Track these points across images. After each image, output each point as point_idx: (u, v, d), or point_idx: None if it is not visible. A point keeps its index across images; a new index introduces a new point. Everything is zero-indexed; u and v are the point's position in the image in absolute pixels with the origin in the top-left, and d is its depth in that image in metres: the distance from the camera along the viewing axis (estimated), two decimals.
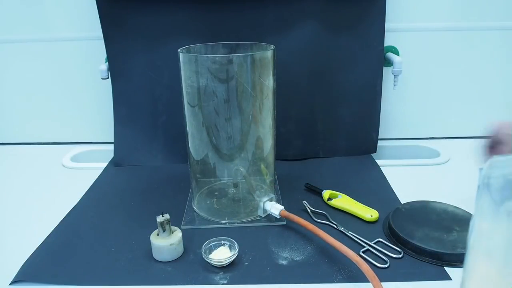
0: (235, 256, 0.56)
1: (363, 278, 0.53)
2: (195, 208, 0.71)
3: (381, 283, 0.52)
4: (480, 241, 0.26)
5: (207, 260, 0.56)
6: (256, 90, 0.64)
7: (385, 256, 0.57)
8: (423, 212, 0.65)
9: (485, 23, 0.92)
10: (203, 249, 0.57)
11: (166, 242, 0.57)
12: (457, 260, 0.56)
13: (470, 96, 0.98)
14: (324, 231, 0.58)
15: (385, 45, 0.89)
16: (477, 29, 0.93)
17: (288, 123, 0.88)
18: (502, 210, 0.27)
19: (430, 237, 0.59)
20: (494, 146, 0.24)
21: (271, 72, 0.64)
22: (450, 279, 0.53)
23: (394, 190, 0.76)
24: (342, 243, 0.56)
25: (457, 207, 0.66)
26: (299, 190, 0.77)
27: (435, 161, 0.89)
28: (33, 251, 0.60)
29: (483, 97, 0.99)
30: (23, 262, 0.58)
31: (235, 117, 0.64)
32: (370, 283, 0.52)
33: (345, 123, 0.91)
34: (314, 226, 0.59)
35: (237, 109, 0.64)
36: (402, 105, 0.99)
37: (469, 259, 0.25)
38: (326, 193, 0.72)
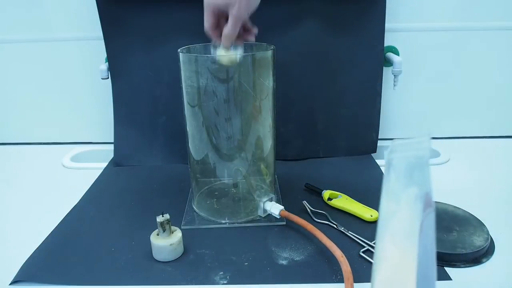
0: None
1: (363, 278, 0.53)
2: (195, 208, 0.71)
3: None
4: (386, 223, 0.26)
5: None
6: (256, 90, 0.64)
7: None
8: None
9: (485, 23, 0.92)
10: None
11: (166, 242, 0.57)
12: (457, 260, 0.56)
13: (470, 96, 0.98)
14: (324, 231, 0.58)
15: (385, 45, 0.89)
16: (477, 29, 0.93)
17: (288, 123, 0.88)
18: (405, 193, 0.27)
19: None
20: None
21: (271, 72, 0.64)
22: (450, 279, 0.53)
23: None
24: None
25: (457, 207, 0.66)
26: (299, 190, 0.77)
27: (435, 161, 0.89)
28: (33, 251, 0.60)
29: (483, 97, 0.99)
30: (23, 262, 0.58)
31: (235, 117, 0.64)
32: (369, 283, 0.52)
33: (345, 123, 0.91)
34: (313, 226, 0.59)
35: (237, 109, 0.64)
36: (402, 105, 0.99)
37: (377, 240, 0.25)
38: (326, 193, 0.72)
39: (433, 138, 1.01)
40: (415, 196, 0.27)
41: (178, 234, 0.58)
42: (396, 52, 0.93)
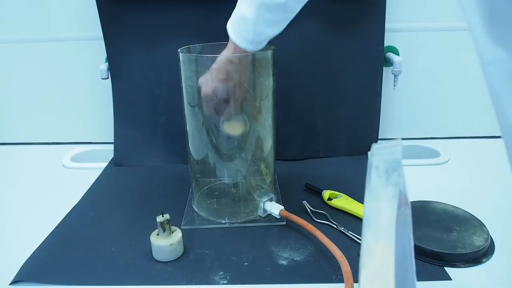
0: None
1: None
2: (195, 208, 0.71)
3: None
4: (369, 220, 0.28)
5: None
6: (256, 90, 0.64)
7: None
8: (423, 212, 0.65)
9: None
10: None
11: (166, 242, 0.57)
12: (457, 260, 0.56)
13: (470, 96, 0.98)
14: (324, 231, 0.58)
15: (385, 45, 0.89)
16: None
17: (288, 123, 0.88)
18: (383, 192, 0.29)
19: (430, 237, 0.59)
20: None
21: (271, 72, 0.64)
22: (450, 279, 0.53)
23: None
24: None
25: (457, 207, 0.66)
26: (299, 190, 0.77)
27: (435, 161, 0.89)
28: (33, 251, 0.60)
29: (483, 97, 0.98)
30: (23, 262, 0.58)
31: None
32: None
33: (345, 123, 0.91)
34: (313, 226, 0.59)
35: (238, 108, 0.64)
36: (402, 105, 0.99)
37: (362, 237, 0.28)
38: (326, 193, 0.72)
39: (433, 138, 1.01)
40: (392, 195, 0.29)
41: (178, 234, 0.58)
42: (396, 52, 0.93)
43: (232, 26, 0.58)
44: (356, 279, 0.51)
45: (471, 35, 0.35)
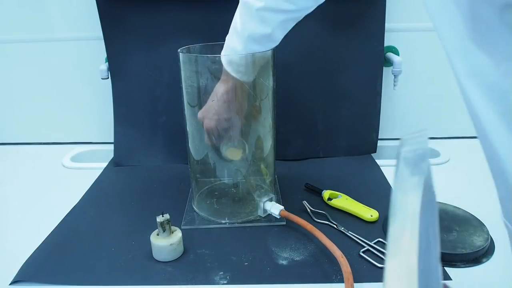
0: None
1: (363, 278, 0.53)
2: (195, 208, 0.71)
3: (381, 283, 0.52)
4: (396, 209, 0.29)
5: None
6: (256, 90, 0.64)
7: (385, 256, 0.57)
8: None
9: None
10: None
11: (166, 242, 0.57)
12: (457, 260, 0.56)
13: None
14: (324, 231, 0.58)
15: (385, 45, 0.89)
16: None
17: (288, 123, 0.88)
18: (410, 181, 0.30)
19: None
20: None
21: (271, 72, 0.64)
22: (450, 279, 0.53)
23: None
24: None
25: (457, 207, 0.66)
26: (299, 190, 0.77)
27: (435, 161, 0.89)
28: (33, 251, 0.60)
29: None
30: (23, 262, 0.58)
31: (235, 117, 0.64)
32: (369, 283, 0.52)
33: (345, 123, 0.91)
34: (313, 226, 0.59)
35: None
36: (402, 105, 0.99)
37: (389, 225, 0.28)
38: (326, 193, 0.72)
39: (433, 138, 1.01)
40: (417, 183, 0.30)
41: (178, 234, 0.58)
42: (396, 52, 0.93)
43: (226, 59, 0.59)
44: (356, 279, 0.51)
45: (444, 44, 0.33)
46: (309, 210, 0.69)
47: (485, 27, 0.27)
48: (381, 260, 0.57)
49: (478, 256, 0.57)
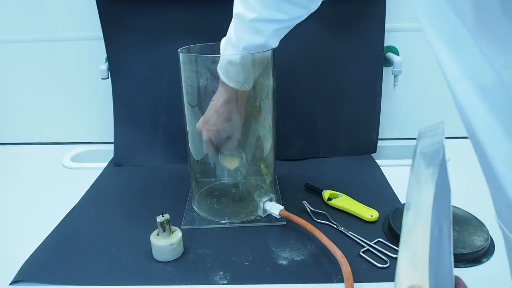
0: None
1: (363, 278, 0.53)
2: (195, 208, 0.71)
3: (381, 283, 0.53)
4: (411, 201, 0.29)
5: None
6: (256, 90, 0.64)
7: (385, 256, 0.57)
8: None
9: None
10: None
11: (166, 242, 0.57)
12: (457, 260, 0.56)
13: None
14: (324, 231, 0.58)
15: (385, 45, 0.89)
16: None
17: (288, 123, 0.88)
18: (425, 173, 0.31)
19: None
20: None
21: (271, 72, 0.64)
22: None
23: (394, 190, 0.76)
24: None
25: (457, 207, 0.66)
26: (299, 190, 0.77)
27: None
28: (33, 251, 0.60)
29: None
30: (23, 262, 0.58)
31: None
32: (369, 283, 0.52)
33: (345, 123, 0.91)
34: (313, 226, 0.59)
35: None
36: (402, 105, 0.99)
37: (404, 216, 0.28)
38: (326, 193, 0.72)
39: None
40: (431, 175, 0.30)
41: (178, 234, 0.58)
42: (396, 52, 0.93)
43: (222, 71, 0.60)
44: (356, 279, 0.51)
45: (436, 48, 0.33)
46: (309, 210, 0.69)
47: (487, 18, 0.26)
48: (381, 260, 0.57)
49: (478, 256, 0.57)
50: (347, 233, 0.63)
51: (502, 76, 0.27)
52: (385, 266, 0.55)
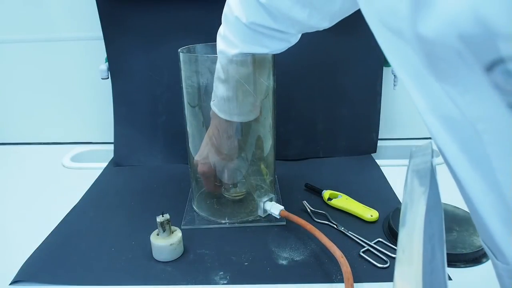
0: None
1: (363, 278, 0.53)
2: (195, 208, 0.71)
3: (381, 283, 0.52)
4: (405, 217, 0.30)
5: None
6: (256, 90, 0.64)
7: (385, 256, 0.57)
8: None
9: None
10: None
11: (166, 242, 0.57)
12: (457, 260, 0.56)
13: None
14: (324, 231, 0.58)
15: None
16: None
17: (288, 123, 0.88)
18: (418, 191, 0.31)
19: None
20: None
21: (271, 72, 0.64)
22: (450, 279, 0.53)
23: (394, 190, 0.76)
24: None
25: (457, 207, 0.66)
26: (299, 190, 0.77)
27: (435, 161, 0.89)
28: (33, 251, 0.60)
29: None
30: (23, 262, 0.58)
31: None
32: (369, 283, 0.52)
33: (345, 123, 0.91)
34: (312, 226, 0.59)
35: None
36: (402, 105, 0.99)
37: (399, 234, 0.30)
38: (326, 193, 0.72)
39: None
40: (423, 192, 0.31)
41: (178, 234, 0.58)
42: None
43: (218, 108, 0.60)
44: (356, 279, 0.51)
45: (402, 81, 0.34)
46: (309, 210, 0.69)
47: (444, 65, 0.26)
48: (381, 260, 0.57)
49: (478, 256, 0.57)
50: (347, 233, 0.63)
51: (466, 114, 0.27)
52: (385, 266, 0.55)
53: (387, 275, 0.54)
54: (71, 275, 0.55)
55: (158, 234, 0.58)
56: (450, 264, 0.55)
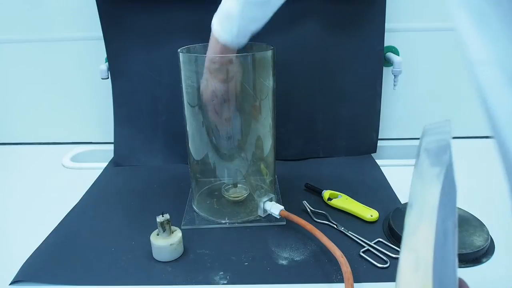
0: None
1: (363, 278, 0.53)
2: (195, 208, 0.71)
3: (381, 283, 0.53)
4: (414, 200, 0.28)
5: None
6: (256, 90, 0.64)
7: (385, 256, 0.57)
8: None
9: None
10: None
11: (166, 242, 0.57)
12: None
13: (470, 96, 0.98)
14: (324, 231, 0.58)
15: (385, 45, 0.89)
16: None
17: (288, 123, 0.88)
18: (430, 172, 0.29)
19: None
20: None
21: (271, 72, 0.64)
22: None
23: (394, 190, 0.76)
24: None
25: (457, 207, 0.66)
26: (299, 190, 0.77)
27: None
28: (33, 251, 0.60)
29: None
30: (23, 262, 0.58)
31: (235, 117, 0.64)
32: (369, 283, 0.52)
33: (345, 123, 0.91)
34: (312, 226, 0.59)
35: (237, 109, 0.64)
36: (402, 105, 0.99)
37: (406, 216, 0.27)
38: (326, 193, 0.72)
39: None
40: (437, 174, 0.29)
41: (178, 234, 0.58)
42: (396, 52, 0.93)
43: (218, 22, 0.59)
44: (356, 279, 0.51)
45: (463, 31, 0.30)
46: (309, 210, 0.69)
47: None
48: (381, 260, 0.57)
49: (478, 256, 0.57)
50: (347, 233, 0.63)
51: None
52: (385, 266, 0.55)
53: (387, 275, 0.54)
54: (71, 275, 0.55)
55: (158, 234, 0.58)
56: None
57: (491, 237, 0.60)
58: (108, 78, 0.90)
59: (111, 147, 0.92)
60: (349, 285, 0.49)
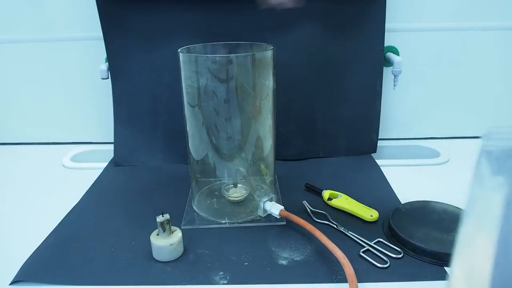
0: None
1: (363, 279, 0.53)
2: (195, 208, 0.71)
3: (381, 283, 0.52)
4: (472, 206, 0.26)
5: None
6: (256, 90, 0.64)
7: (385, 256, 0.57)
8: (423, 212, 0.65)
9: (484, 23, 0.92)
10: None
11: (166, 242, 0.57)
12: None
13: (470, 96, 0.98)
14: (324, 231, 0.58)
15: (385, 45, 0.89)
16: (477, 29, 0.93)
17: (288, 123, 0.88)
18: (493, 180, 0.27)
19: (430, 237, 0.59)
20: None
21: (271, 72, 0.64)
22: None
23: (394, 190, 0.76)
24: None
25: (457, 207, 0.66)
26: (299, 190, 0.77)
27: (435, 161, 0.89)
28: (33, 251, 0.60)
29: (483, 97, 0.99)
30: (23, 262, 0.58)
31: (235, 117, 0.64)
32: (369, 283, 0.52)
33: (345, 123, 0.91)
34: (312, 226, 0.59)
35: (237, 109, 0.64)
36: (402, 105, 0.99)
37: (462, 223, 0.25)
38: (326, 193, 0.72)
39: (433, 138, 1.01)
40: (501, 184, 0.27)
41: (178, 234, 0.58)
42: (396, 52, 0.93)
43: None
44: (359, 280, 0.51)
45: None
46: (309, 210, 0.69)
47: None
48: (381, 260, 0.57)
49: None
50: (347, 233, 0.63)
51: None
52: (385, 266, 0.55)
53: (387, 275, 0.54)
54: (71, 275, 0.55)
55: (158, 234, 0.58)
56: (450, 264, 0.55)
57: None
58: (108, 78, 0.90)
59: (111, 147, 0.92)
60: (353, 286, 0.49)
